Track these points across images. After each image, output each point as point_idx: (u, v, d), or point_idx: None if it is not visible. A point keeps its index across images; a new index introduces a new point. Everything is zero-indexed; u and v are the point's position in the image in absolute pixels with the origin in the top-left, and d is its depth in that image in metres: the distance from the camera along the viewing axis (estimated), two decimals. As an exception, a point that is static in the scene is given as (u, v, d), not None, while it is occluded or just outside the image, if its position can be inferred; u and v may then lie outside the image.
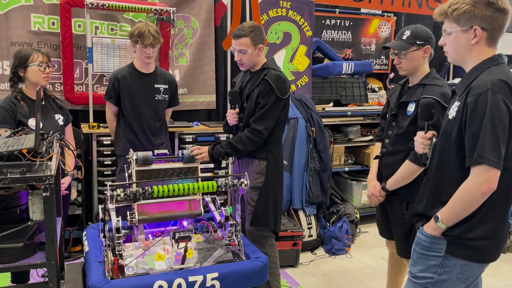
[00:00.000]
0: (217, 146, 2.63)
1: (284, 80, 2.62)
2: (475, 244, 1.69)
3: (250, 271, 2.05)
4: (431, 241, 1.76)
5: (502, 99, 1.58)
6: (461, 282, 1.74)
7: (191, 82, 4.38)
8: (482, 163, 1.58)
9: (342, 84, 4.73)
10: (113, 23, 3.97)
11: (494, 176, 1.60)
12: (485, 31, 1.67)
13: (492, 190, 1.62)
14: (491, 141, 1.57)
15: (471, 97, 1.63)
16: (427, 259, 1.78)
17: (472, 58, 1.72)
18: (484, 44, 1.70)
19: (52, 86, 3.83)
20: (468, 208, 1.67)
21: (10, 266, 1.56)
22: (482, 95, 1.60)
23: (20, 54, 2.60)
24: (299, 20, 4.43)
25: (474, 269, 1.73)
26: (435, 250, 1.75)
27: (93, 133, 3.65)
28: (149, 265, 1.98)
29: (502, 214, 1.72)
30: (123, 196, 2.00)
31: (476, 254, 1.70)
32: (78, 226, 3.76)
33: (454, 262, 1.72)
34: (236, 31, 2.61)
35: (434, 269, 1.75)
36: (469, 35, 1.68)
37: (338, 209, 4.31)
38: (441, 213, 1.72)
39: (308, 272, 3.68)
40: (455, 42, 1.73)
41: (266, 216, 2.67)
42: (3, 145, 1.62)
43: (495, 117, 1.57)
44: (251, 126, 2.59)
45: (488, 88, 1.59)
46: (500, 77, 1.62)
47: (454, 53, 1.76)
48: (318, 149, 4.13)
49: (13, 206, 1.75)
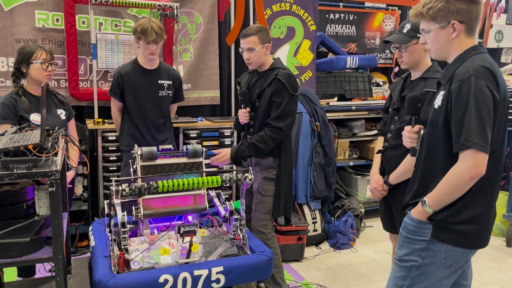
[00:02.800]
0: (240, 149, 2.72)
1: (295, 78, 2.75)
2: (460, 229, 1.71)
3: (255, 265, 2.06)
4: (417, 225, 1.78)
5: (485, 84, 1.61)
6: (445, 267, 1.76)
7: (195, 78, 4.38)
8: (469, 147, 1.60)
9: (346, 79, 4.71)
10: (117, 19, 3.97)
11: (482, 160, 1.61)
12: (463, 24, 1.70)
13: (480, 174, 1.63)
14: (477, 125, 1.59)
15: (454, 84, 1.65)
16: (412, 243, 1.80)
17: (454, 51, 1.75)
18: (464, 36, 1.73)
19: (57, 83, 3.85)
20: (456, 192, 1.69)
21: (17, 261, 1.58)
22: (466, 81, 1.62)
23: (24, 50, 2.61)
24: (303, 15, 4.41)
25: (459, 255, 1.74)
26: (421, 235, 1.77)
27: (98, 129, 3.66)
28: (154, 259, 1.99)
29: (489, 199, 1.74)
30: (128, 191, 2.01)
31: (460, 239, 1.72)
32: (84, 222, 3.78)
33: (439, 247, 1.74)
34: (244, 31, 2.76)
35: (418, 253, 1.78)
36: (448, 30, 1.72)
37: (343, 204, 4.31)
38: (428, 197, 1.74)
39: (313, 266, 3.69)
40: (436, 39, 1.76)
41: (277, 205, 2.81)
42: (9, 141, 1.63)
43: (479, 101, 1.60)
44: (272, 124, 2.68)
45: (471, 74, 1.62)
46: (482, 63, 1.65)
47: (437, 50, 1.79)
48: (323, 144, 4.12)
49: (20, 202, 1.77)
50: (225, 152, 2.75)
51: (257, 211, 2.83)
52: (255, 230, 2.78)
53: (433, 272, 1.77)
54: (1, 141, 1.66)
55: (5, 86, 3.66)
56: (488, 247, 1.86)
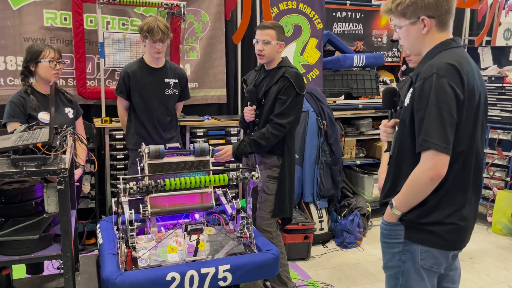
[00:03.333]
0: (241, 145, 2.72)
1: (302, 77, 2.76)
2: (432, 229, 1.67)
3: (262, 263, 2.06)
4: (390, 228, 1.75)
5: (447, 82, 1.55)
6: (426, 270, 1.71)
7: (201, 76, 4.39)
8: (429, 148, 1.56)
9: (353, 77, 4.70)
10: (124, 18, 3.99)
11: (441, 161, 1.57)
12: (433, 19, 1.66)
13: (440, 175, 1.59)
14: (437, 125, 1.55)
15: (418, 82, 1.62)
16: (390, 247, 1.77)
17: (427, 46, 1.71)
18: (435, 31, 1.68)
19: (65, 81, 3.87)
20: (419, 194, 1.65)
21: (26, 258, 1.59)
22: (428, 80, 1.58)
23: (32, 49, 2.63)
24: (310, 13, 4.40)
25: (437, 255, 1.69)
26: (396, 237, 1.74)
27: (105, 127, 3.68)
28: (161, 257, 2.00)
29: (461, 199, 1.68)
30: (135, 189, 2.02)
31: (434, 239, 1.67)
32: (91, 219, 3.81)
33: (414, 248, 1.70)
34: (263, 23, 2.81)
35: (398, 257, 1.75)
36: (418, 25, 1.68)
37: (350, 203, 4.30)
38: (395, 199, 1.71)
39: (319, 265, 3.69)
40: (408, 35, 1.73)
41: (281, 204, 2.81)
42: (18, 139, 1.65)
43: (440, 100, 1.55)
44: (274, 120, 2.68)
45: (433, 72, 1.57)
46: (448, 60, 1.59)
47: (410, 45, 1.76)
48: (329, 142, 4.12)
49: (29, 199, 1.78)
50: (227, 148, 2.74)
51: (262, 209, 2.83)
52: (260, 229, 2.78)
53: (417, 277, 1.72)
54: (10, 139, 1.68)
55: (14, 84, 3.69)
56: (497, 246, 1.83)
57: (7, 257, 1.56)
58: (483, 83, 1.74)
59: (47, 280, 2.18)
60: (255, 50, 2.78)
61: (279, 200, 2.81)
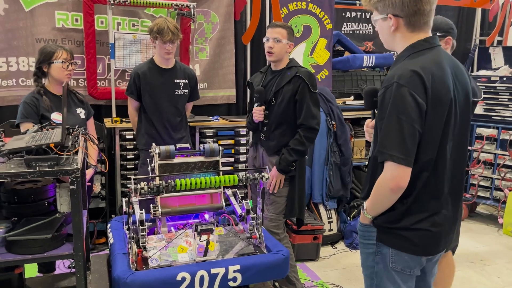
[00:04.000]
0: (282, 159, 2.73)
1: (314, 77, 2.80)
2: (403, 234, 1.64)
3: (272, 264, 2.06)
4: (364, 229, 1.75)
5: (408, 92, 1.49)
6: (398, 272, 1.69)
7: (211, 77, 4.40)
8: (387, 160, 1.53)
9: (363, 77, 4.68)
10: (134, 19, 4.01)
11: (401, 173, 1.52)
12: (399, 18, 1.61)
13: (400, 186, 1.55)
14: (396, 136, 1.51)
15: (380, 90, 1.59)
16: (365, 247, 1.77)
17: (399, 44, 1.67)
18: (405, 31, 1.63)
19: (76, 82, 3.91)
20: (383, 201, 1.63)
21: (38, 257, 1.60)
22: (389, 88, 1.54)
23: (45, 50, 2.66)
24: (319, 13, 4.39)
25: (408, 259, 1.67)
26: (369, 238, 1.74)
27: (116, 127, 3.71)
28: (172, 257, 2.01)
29: (433, 206, 1.63)
30: (146, 189, 2.03)
31: (404, 243, 1.65)
32: (102, 219, 3.84)
33: (386, 250, 1.69)
34: (274, 22, 2.88)
35: (372, 257, 1.74)
36: (388, 23, 1.64)
37: (359, 203, 4.28)
38: (366, 203, 1.71)
39: (328, 266, 3.68)
40: (380, 30, 1.70)
41: (291, 205, 2.82)
42: (31, 139, 1.67)
43: (399, 111, 1.50)
44: (305, 125, 2.72)
45: (394, 81, 1.53)
46: (413, 67, 1.53)
47: (384, 41, 1.73)
48: (339, 143, 4.11)
49: (41, 199, 1.80)
50: (272, 174, 2.75)
51: (270, 211, 2.83)
52: (267, 230, 2.78)
53: (390, 278, 1.71)
54: (23, 140, 1.70)
55: (26, 85, 3.73)
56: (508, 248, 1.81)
57: (20, 256, 1.57)
58: (465, 84, 1.67)
59: (58, 279, 2.20)
60: (265, 47, 2.79)
61: (289, 201, 2.81)
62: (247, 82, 3.09)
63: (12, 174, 1.47)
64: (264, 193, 2.86)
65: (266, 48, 2.78)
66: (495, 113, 4.60)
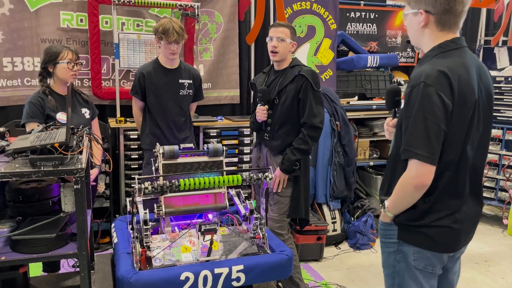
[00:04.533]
0: (285, 159, 2.74)
1: (318, 75, 2.81)
2: (424, 231, 1.66)
3: (275, 264, 2.06)
4: (385, 227, 1.76)
5: (435, 91, 1.51)
6: (420, 271, 1.70)
7: (215, 77, 4.41)
8: (412, 158, 1.55)
9: (367, 78, 4.67)
10: (139, 19, 4.02)
11: (426, 171, 1.55)
12: (430, 15, 1.62)
13: (424, 184, 1.57)
14: (421, 135, 1.53)
15: (406, 89, 1.60)
16: (386, 246, 1.78)
17: (426, 42, 1.67)
18: (435, 28, 1.64)
19: (81, 82, 3.92)
20: (406, 199, 1.64)
21: (43, 256, 1.61)
22: (415, 87, 1.56)
23: (50, 50, 2.67)
24: (324, 13, 4.39)
25: (430, 257, 1.68)
26: (390, 237, 1.74)
27: (120, 127, 3.72)
28: (175, 256, 2.01)
29: (454, 205, 1.66)
30: (150, 189, 2.04)
31: (426, 241, 1.66)
32: (106, 219, 3.85)
33: (407, 248, 1.70)
34: (277, 22, 2.88)
35: (393, 256, 1.75)
36: (418, 18, 1.65)
37: (363, 204, 4.28)
38: (387, 202, 1.72)
39: (332, 266, 3.68)
40: (409, 25, 1.71)
41: (296, 205, 2.82)
42: (36, 139, 1.67)
43: (426, 110, 1.52)
44: (308, 123, 2.72)
45: (421, 80, 1.54)
46: (440, 67, 1.55)
47: (411, 36, 1.74)
48: (343, 143, 4.10)
49: (46, 198, 1.81)
50: (276, 173, 2.76)
51: (274, 211, 2.83)
52: (271, 231, 2.77)
53: (412, 277, 1.72)
54: (28, 139, 1.71)
55: (31, 85, 3.75)
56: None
57: (25, 255, 1.59)
58: (488, 85, 1.69)
59: (63, 278, 2.21)
60: (269, 47, 2.79)
61: (294, 201, 2.81)
62: (250, 83, 3.09)
63: (17, 174, 1.48)
64: (268, 194, 2.88)
65: (270, 48, 2.78)
66: (500, 113, 4.58)
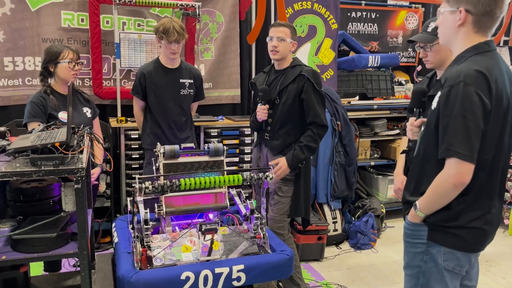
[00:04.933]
0: (294, 154, 2.72)
1: (319, 75, 2.81)
2: (457, 232, 1.67)
3: (276, 264, 2.06)
4: (413, 228, 1.76)
5: (475, 91, 1.54)
6: (448, 271, 1.71)
7: (216, 77, 4.40)
8: (452, 156, 1.56)
9: (368, 77, 4.67)
10: (140, 19, 4.02)
11: (465, 169, 1.57)
12: (470, 14, 1.63)
13: (463, 183, 1.59)
14: (462, 134, 1.54)
15: (444, 89, 1.60)
16: (413, 247, 1.77)
17: (458, 42, 1.69)
18: (471, 29, 1.65)
19: (82, 81, 3.92)
20: (442, 199, 1.65)
21: (43, 256, 1.62)
22: (455, 87, 1.56)
23: (51, 50, 2.67)
24: (325, 13, 4.39)
25: (460, 257, 1.69)
26: (419, 237, 1.74)
27: (121, 127, 3.72)
28: (176, 256, 2.01)
29: (486, 205, 1.69)
30: (151, 189, 2.04)
31: (458, 242, 1.68)
32: (107, 218, 3.85)
33: (437, 249, 1.70)
34: (277, 22, 2.88)
35: (420, 257, 1.74)
36: (455, 16, 1.65)
37: (364, 204, 4.28)
38: (419, 202, 1.71)
39: (333, 266, 3.68)
40: (444, 23, 1.71)
41: (296, 205, 2.82)
42: (36, 139, 1.68)
43: (466, 109, 1.54)
44: (317, 122, 2.72)
45: (460, 80, 1.55)
46: (478, 67, 1.57)
47: (443, 34, 1.74)
48: (344, 143, 4.10)
49: (47, 198, 1.81)
50: (281, 163, 2.73)
51: (274, 212, 2.82)
52: (272, 231, 2.77)
53: (439, 277, 1.72)
54: (29, 139, 1.71)
55: (32, 84, 3.75)
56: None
57: (25, 254, 1.59)
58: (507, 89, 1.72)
59: (63, 277, 2.21)
60: (269, 46, 2.79)
61: (294, 201, 2.81)
62: (250, 83, 3.09)
63: (18, 173, 1.48)
64: (269, 194, 2.87)
65: (270, 47, 2.78)
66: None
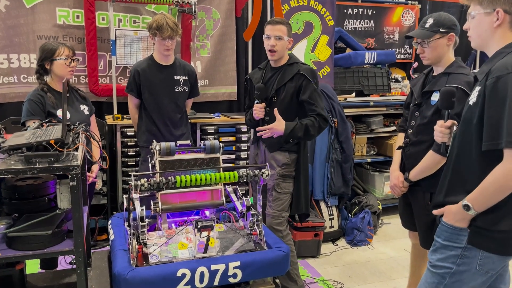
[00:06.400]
0: (296, 128, 2.65)
1: (316, 73, 2.81)
2: (498, 237, 1.65)
3: (272, 261, 2.07)
4: (453, 231, 1.72)
5: None
6: (481, 274, 1.70)
7: (212, 74, 4.40)
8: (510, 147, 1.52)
9: (364, 74, 4.67)
10: (135, 16, 4.01)
11: None
12: (508, 14, 1.63)
13: None
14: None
15: (490, 80, 1.59)
16: (447, 248, 1.74)
17: (495, 43, 1.68)
18: (507, 28, 1.65)
19: (77, 79, 3.91)
20: (501, 193, 1.60)
21: (39, 253, 1.62)
22: (503, 78, 1.55)
23: (46, 47, 2.66)
24: (321, 10, 4.38)
25: (496, 261, 1.68)
26: (456, 241, 1.71)
27: (117, 124, 3.71)
28: (172, 253, 2.01)
29: None
30: (147, 186, 2.04)
31: (498, 246, 1.66)
32: (103, 215, 3.84)
33: (475, 254, 1.68)
34: (274, 19, 2.82)
35: (453, 259, 1.72)
36: (491, 17, 1.65)
37: (360, 200, 4.28)
38: (471, 201, 1.65)
39: (329, 262, 3.69)
40: (478, 25, 1.70)
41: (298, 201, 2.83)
42: (31, 136, 1.67)
43: None
44: (322, 115, 2.69)
45: (509, 71, 1.55)
46: None
47: (477, 37, 1.73)
48: (340, 140, 4.10)
49: (42, 195, 1.81)
50: (278, 123, 2.65)
51: (272, 208, 2.82)
52: (270, 228, 2.77)
53: (469, 280, 1.71)
54: (23, 136, 1.70)
55: (27, 82, 3.74)
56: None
57: (21, 252, 1.59)
58: None
59: (59, 275, 2.21)
60: (266, 45, 2.76)
61: (296, 198, 2.82)
62: (246, 79, 3.06)
63: (12, 171, 1.48)
64: (266, 190, 2.87)
65: (268, 47, 2.74)
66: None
